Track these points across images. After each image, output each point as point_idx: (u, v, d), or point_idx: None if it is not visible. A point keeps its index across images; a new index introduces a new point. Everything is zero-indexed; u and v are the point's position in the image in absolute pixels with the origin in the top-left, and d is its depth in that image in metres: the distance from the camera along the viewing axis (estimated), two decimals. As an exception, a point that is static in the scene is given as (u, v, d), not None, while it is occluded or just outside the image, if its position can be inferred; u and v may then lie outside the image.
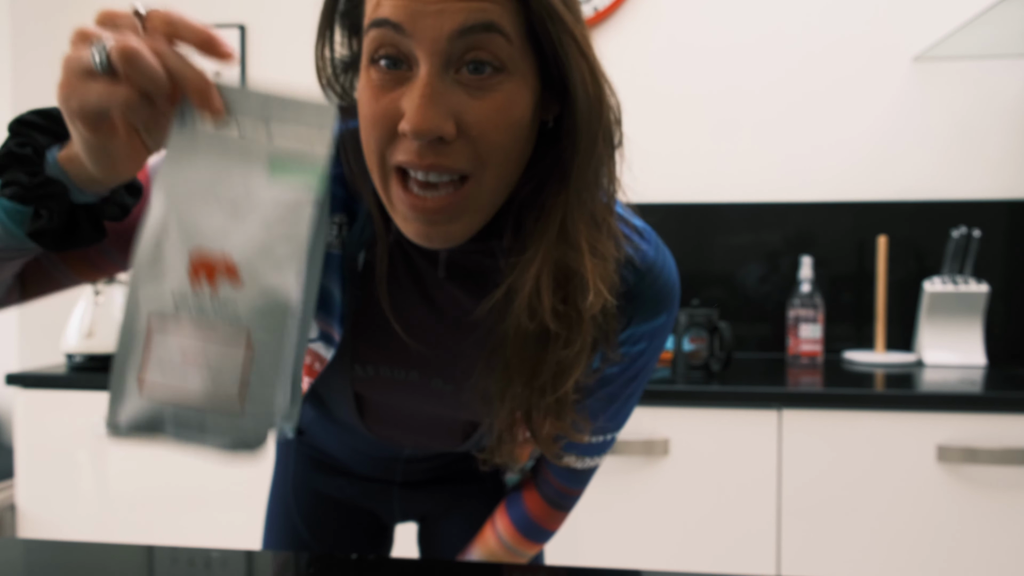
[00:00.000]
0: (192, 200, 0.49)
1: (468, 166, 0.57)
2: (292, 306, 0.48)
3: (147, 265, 0.49)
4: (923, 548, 1.46)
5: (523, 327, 0.61)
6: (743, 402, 1.51)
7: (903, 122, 1.97)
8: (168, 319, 0.48)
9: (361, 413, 0.78)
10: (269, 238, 0.49)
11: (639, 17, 2.05)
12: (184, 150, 0.50)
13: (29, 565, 0.67)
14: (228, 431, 0.49)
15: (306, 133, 0.51)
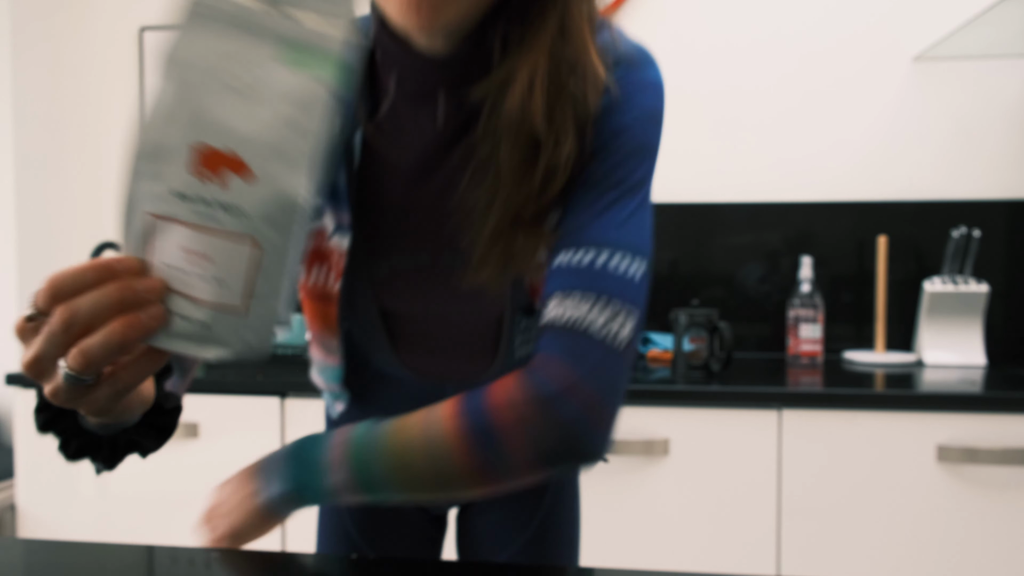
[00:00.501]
0: (203, 85, 0.45)
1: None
2: (302, 205, 0.46)
3: (148, 156, 0.45)
4: (923, 548, 1.46)
5: (513, 128, 0.59)
6: (743, 402, 1.51)
7: (903, 122, 1.97)
8: (170, 216, 0.45)
9: (393, 344, 0.76)
10: (279, 132, 0.45)
11: (639, 17, 2.05)
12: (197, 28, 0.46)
13: (29, 565, 0.67)
14: (232, 335, 0.47)
15: (322, 19, 0.47)
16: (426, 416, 0.62)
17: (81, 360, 0.46)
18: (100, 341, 0.46)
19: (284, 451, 0.67)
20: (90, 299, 0.46)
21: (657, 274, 2.06)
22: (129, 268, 0.47)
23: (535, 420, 0.59)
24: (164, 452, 1.66)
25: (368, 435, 0.63)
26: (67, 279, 0.47)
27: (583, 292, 0.62)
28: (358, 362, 0.82)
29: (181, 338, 0.47)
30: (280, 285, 0.47)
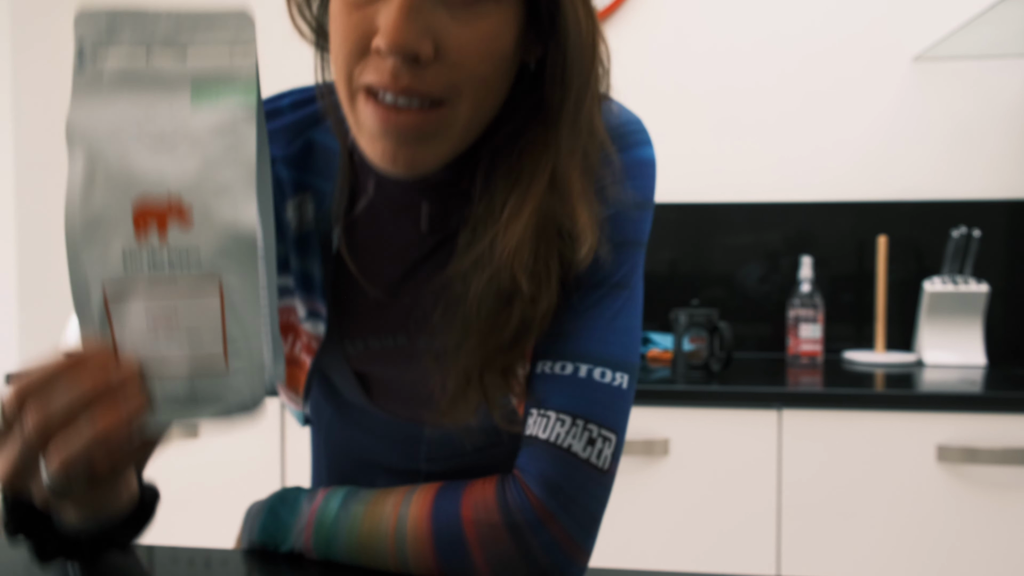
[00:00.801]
0: (116, 145, 0.44)
1: (444, 91, 0.52)
2: (254, 237, 0.44)
3: (84, 229, 0.43)
4: (923, 548, 1.46)
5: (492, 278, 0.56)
6: (743, 402, 1.51)
7: (903, 122, 1.97)
8: (124, 283, 0.43)
9: (367, 392, 0.74)
10: (212, 167, 0.43)
11: (639, 17, 2.05)
12: (91, 94, 0.45)
13: (29, 565, 0.67)
14: (219, 395, 0.44)
15: (226, 48, 0.46)
16: (398, 511, 0.61)
17: (64, 471, 0.43)
18: (82, 448, 0.43)
19: (266, 504, 0.67)
20: (64, 400, 0.43)
21: (657, 274, 2.06)
22: (99, 356, 0.44)
23: (507, 547, 0.57)
24: (164, 452, 1.66)
25: (339, 517, 0.62)
26: (35, 383, 0.43)
27: (566, 408, 0.59)
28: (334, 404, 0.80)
29: (167, 409, 0.44)
30: (256, 327, 0.44)
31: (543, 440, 0.58)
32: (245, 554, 0.66)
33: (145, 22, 0.46)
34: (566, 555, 0.58)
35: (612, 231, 0.61)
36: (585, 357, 0.60)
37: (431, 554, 0.59)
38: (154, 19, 0.46)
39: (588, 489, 0.59)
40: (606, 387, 0.60)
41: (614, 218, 0.61)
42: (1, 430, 0.45)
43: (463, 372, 0.59)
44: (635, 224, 0.63)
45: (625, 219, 0.62)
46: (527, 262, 0.55)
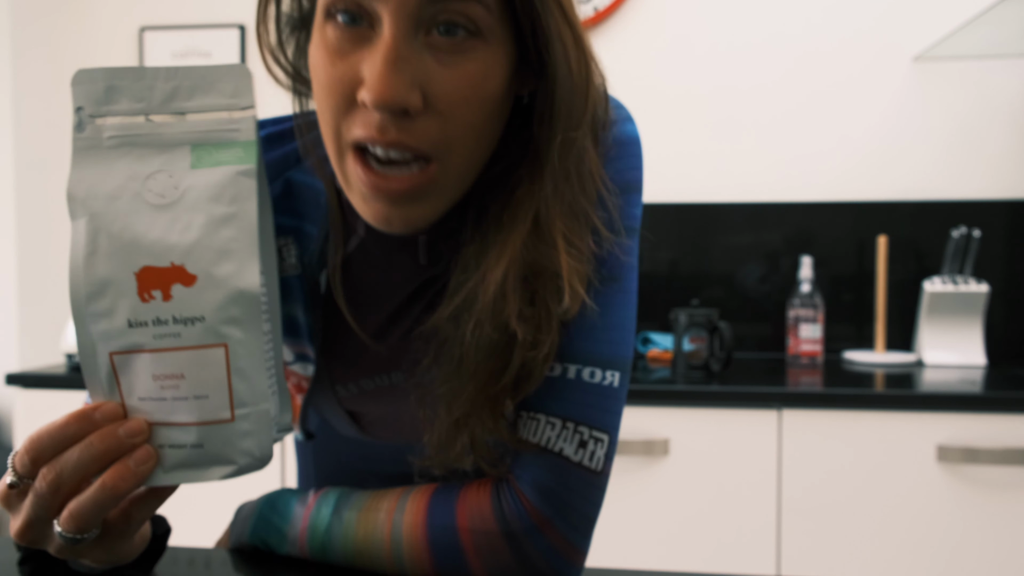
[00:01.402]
0: (117, 210, 0.44)
1: (433, 146, 0.51)
2: (258, 297, 0.44)
3: (90, 299, 0.44)
4: (923, 548, 1.46)
5: (484, 332, 0.53)
6: (743, 402, 1.51)
7: (903, 122, 1.97)
8: (131, 347, 0.44)
9: (359, 425, 0.73)
10: (214, 230, 0.44)
11: (639, 17, 2.05)
12: (91, 157, 0.45)
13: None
14: (228, 455, 0.45)
15: (224, 103, 0.46)
16: (392, 518, 0.60)
17: (75, 523, 0.44)
18: (92, 500, 0.44)
19: (255, 509, 0.67)
20: (74, 456, 0.44)
21: (657, 274, 2.06)
22: (107, 414, 0.45)
23: (504, 555, 0.56)
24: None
25: (332, 525, 0.62)
26: (46, 439, 0.45)
27: (556, 411, 0.57)
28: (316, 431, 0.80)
29: (177, 468, 0.45)
30: (261, 382, 0.45)
31: (534, 445, 0.57)
32: (245, 554, 0.66)
33: (143, 83, 0.46)
34: (563, 559, 0.57)
35: (604, 223, 0.58)
36: (574, 357, 0.58)
37: (428, 562, 0.59)
38: (152, 79, 0.46)
39: (582, 492, 0.57)
40: (596, 387, 0.58)
41: (602, 207, 0.58)
42: (12, 486, 0.46)
43: (456, 420, 0.57)
44: (624, 211, 0.60)
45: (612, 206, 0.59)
46: (517, 308, 0.53)
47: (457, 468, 0.60)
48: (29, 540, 0.47)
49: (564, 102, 0.52)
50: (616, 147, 0.60)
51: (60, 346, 1.99)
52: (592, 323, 0.58)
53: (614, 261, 0.59)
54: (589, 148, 0.56)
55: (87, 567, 0.57)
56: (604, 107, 0.59)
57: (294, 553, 0.64)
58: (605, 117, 0.59)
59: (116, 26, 2.27)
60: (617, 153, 0.60)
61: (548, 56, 0.51)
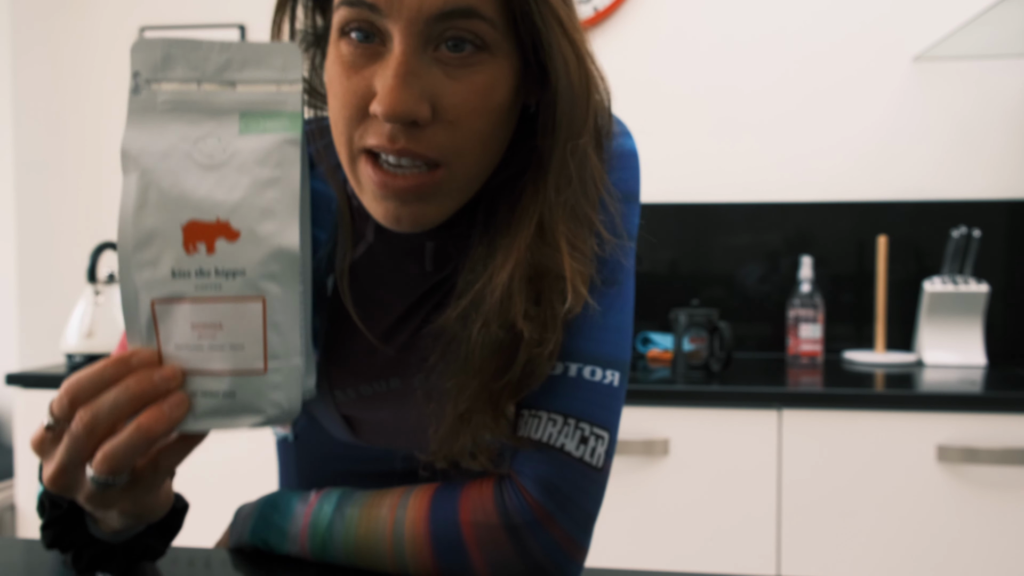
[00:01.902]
0: (167, 168, 0.47)
1: (441, 153, 0.53)
2: (296, 255, 0.46)
3: (137, 249, 0.46)
4: (923, 548, 1.46)
5: (491, 330, 0.56)
6: (743, 402, 1.51)
7: (903, 122, 1.97)
8: (172, 296, 0.46)
9: (353, 430, 0.73)
10: (258, 191, 0.47)
11: (639, 17, 2.05)
12: (145, 118, 0.48)
13: (29, 565, 0.67)
14: (258, 405, 0.47)
15: (274, 84, 0.49)
16: (395, 514, 0.61)
17: (107, 464, 0.46)
18: (125, 441, 0.45)
19: (256, 509, 0.67)
20: (110, 398, 0.45)
21: (657, 274, 2.06)
22: (144, 360, 0.46)
23: (506, 549, 0.57)
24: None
25: (334, 521, 0.62)
26: (84, 382, 0.46)
27: (557, 408, 0.59)
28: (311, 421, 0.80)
29: (208, 415, 0.47)
30: (294, 337, 0.47)
31: (536, 441, 0.58)
32: (245, 554, 0.66)
33: (198, 53, 0.49)
34: (565, 554, 0.58)
35: (605, 226, 0.61)
36: (575, 356, 0.60)
37: (430, 557, 0.59)
38: (207, 51, 0.49)
39: (584, 488, 0.58)
40: (597, 385, 0.60)
41: (604, 211, 0.61)
42: (49, 428, 0.47)
43: (460, 415, 0.58)
44: (622, 218, 0.62)
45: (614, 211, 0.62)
46: (523, 308, 0.55)
47: (460, 464, 0.61)
48: (61, 486, 0.48)
49: (565, 112, 0.54)
50: (615, 159, 0.63)
51: (60, 346, 1.99)
52: (593, 324, 0.60)
53: (615, 265, 0.61)
54: (591, 155, 0.58)
55: (109, 534, 0.58)
56: (608, 118, 0.61)
57: (294, 551, 0.64)
58: (609, 127, 0.61)
59: (116, 26, 2.27)
60: (616, 165, 0.63)
61: (550, 69, 0.54)
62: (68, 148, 2.29)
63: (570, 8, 0.55)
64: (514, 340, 0.56)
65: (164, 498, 0.57)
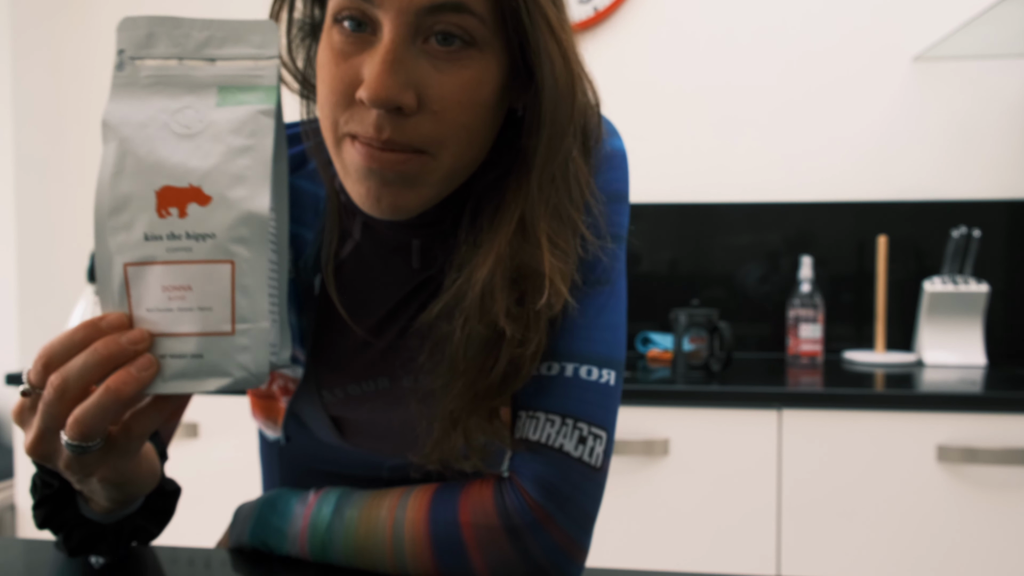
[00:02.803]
0: (145, 136, 0.48)
1: (425, 142, 0.54)
2: (265, 215, 0.47)
3: (112, 214, 0.47)
4: (923, 548, 1.46)
5: (473, 328, 0.56)
6: (743, 402, 1.51)
7: (903, 122, 1.97)
8: (145, 260, 0.47)
9: (341, 432, 0.74)
10: (232, 158, 0.48)
11: (639, 17, 2.05)
12: (127, 92, 0.50)
13: (29, 565, 0.67)
14: (226, 360, 0.47)
15: (251, 52, 0.50)
16: (394, 515, 0.61)
17: (79, 428, 0.46)
18: (95, 404, 0.46)
19: (255, 509, 0.67)
20: (79, 361, 0.46)
21: (657, 274, 2.06)
22: (112, 323, 0.47)
23: (506, 550, 0.57)
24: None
25: (334, 522, 0.62)
26: (56, 347, 0.47)
27: (555, 408, 0.59)
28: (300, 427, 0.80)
29: (177, 378, 0.47)
30: (262, 301, 0.48)
31: (534, 442, 0.59)
32: (245, 554, 0.66)
33: (180, 31, 0.50)
34: (565, 555, 0.58)
35: (590, 228, 0.61)
36: (571, 356, 0.60)
37: (430, 558, 0.59)
38: (189, 28, 0.50)
39: (583, 488, 0.58)
40: (593, 385, 0.60)
41: (588, 213, 0.61)
42: (25, 394, 0.48)
43: (449, 415, 0.59)
44: (611, 219, 0.63)
45: (598, 213, 0.62)
46: (504, 306, 0.56)
47: (454, 467, 0.61)
48: (40, 453, 0.49)
49: (549, 111, 0.55)
50: (604, 160, 0.63)
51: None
52: (587, 323, 0.61)
53: (606, 265, 0.62)
54: (577, 158, 0.59)
55: (100, 514, 0.58)
56: (597, 122, 0.62)
57: (294, 552, 0.64)
58: (598, 131, 0.62)
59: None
60: (605, 166, 0.63)
61: (535, 67, 0.54)
62: (68, 148, 2.29)
63: (559, 9, 0.56)
64: (497, 339, 0.57)
65: (147, 470, 0.57)
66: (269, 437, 0.81)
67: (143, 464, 0.57)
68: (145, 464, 0.57)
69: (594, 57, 0.66)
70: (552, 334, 0.60)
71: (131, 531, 0.61)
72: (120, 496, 0.56)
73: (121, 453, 0.50)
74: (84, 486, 0.54)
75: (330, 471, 0.78)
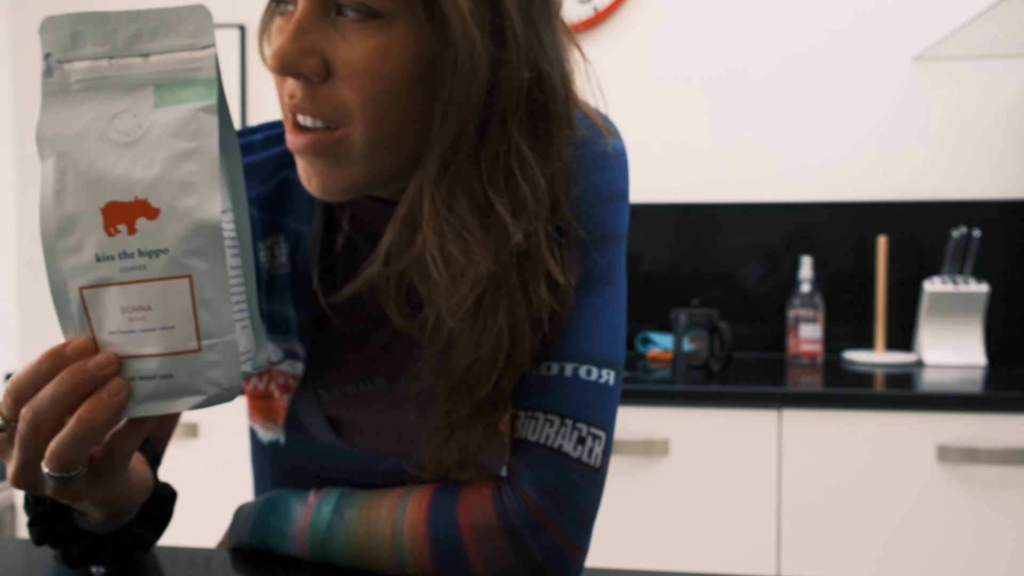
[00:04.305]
0: (83, 148, 0.45)
1: (337, 113, 0.54)
2: (217, 223, 0.45)
3: (59, 236, 0.45)
4: (923, 548, 1.46)
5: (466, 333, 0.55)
6: (743, 402, 1.51)
7: (903, 122, 1.97)
8: (99, 282, 0.45)
9: (337, 432, 0.73)
10: (176, 165, 0.45)
11: (639, 18, 2.05)
12: (59, 101, 0.47)
13: (29, 565, 0.67)
14: (197, 378, 0.45)
15: (185, 43, 0.47)
16: (394, 516, 0.61)
17: (58, 461, 0.45)
18: (70, 435, 0.45)
19: (255, 509, 0.67)
20: (48, 393, 0.45)
21: (657, 274, 2.06)
22: (77, 349, 0.45)
23: (506, 551, 0.57)
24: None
25: (333, 523, 0.62)
26: (23, 380, 0.46)
27: (554, 409, 0.59)
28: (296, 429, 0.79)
29: (148, 400, 0.46)
30: (227, 313, 0.46)
31: (533, 442, 0.58)
32: (245, 554, 0.66)
33: (107, 27, 0.47)
34: (565, 556, 0.58)
35: (589, 227, 0.61)
36: (570, 356, 0.60)
37: (429, 559, 0.59)
38: (115, 23, 0.47)
39: (582, 488, 0.58)
40: (592, 385, 0.59)
41: (590, 214, 0.61)
42: (2, 429, 0.47)
43: (447, 425, 0.59)
44: (611, 218, 0.62)
45: (600, 214, 0.62)
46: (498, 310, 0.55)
47: (450, 478, 0.61)
48: (25, 484, 0.48)
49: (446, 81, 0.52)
50: (604, 159, 0.63)
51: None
52: (587, 323, 0.60)
53: (606, 265, 0.62)
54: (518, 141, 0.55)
55: (96, 526, 0.58)
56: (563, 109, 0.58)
57: (293, 552, 0.64)
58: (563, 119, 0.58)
59: (116, 26, 2.26)
60: (604, 165, 0.63)
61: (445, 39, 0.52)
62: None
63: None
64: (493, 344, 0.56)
65: (138, 484, 0.57)
66: (263, 439, 0.80)
67: (132, 480, 0.56)
68: (135, 479, 0.57)
69: (594, 57, 0.65)
70: (552, 334, 0.60)
71: (129, 540, 0.61)
72: (112, 511, 0.56)
73: (108, 475, 0.49)
74: (75, 505, 0.53)
75: (323, 475, 0.77)
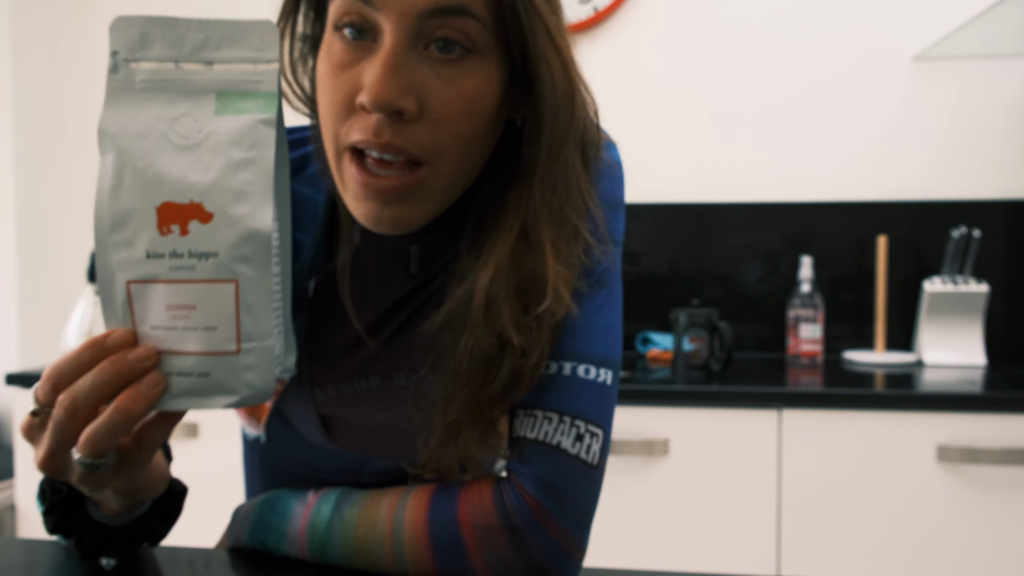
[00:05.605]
0: (143, 147, 0.47)
1: (424, 151, 0.54)
2: (269, 237, 0.46)
3: (112, 229, 0.46)
4: (923, 548, 1.46)
5: (479, 338, 0.56)
6: (743, 402, 1.51)
7: (903, 122, 1.97)
8: (146, 277, 0.46)
9: (328, 432, 0.73)
10: (233, 172, 0.46)
11: (639, 18, 2.05)
12: (123, 98, 0.48)
13: (29, 565, 0.67)
14: (232, 378, 0.47)
15: (249, 55, 0.48)
16: (394, 514, 0.61)
17: (91, 447, 0.46)
18: (106, 423, 0.46)
19: (254, 509, 0.67)
20: (88, 381, 0.46)
21: (657, 274, 2.06)
22: (118, 341, 0.47)
23: (505, 549, 0.57)
24: (164, 452, 1.65)
25: (333, 522, 0.63)
26: (64, 367, 0.47)
27: (552, 406, 0.59)
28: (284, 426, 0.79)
29: (184, 395, 0.47)
30: (268, 319, 0.47)
31: (532, 439, 0.59)
32: (244, 554, 0.66)
33: (176, 32, 0.48)
34: (564, 553, 0.58)
35: (592, 233, 0.62)
36: (568, 355, 0.60)
37: (429, 557, 0.59)
38: (184, 29, 0.48)
39: (581, 485, 0.59)
40: (590, 384, 0.60)
41: (590, 220, 0.63)
42: (35, 414, 0.48)
43: (449, 425, 0.59)
44: (609, 225, 0.64)
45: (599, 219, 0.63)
46: (511, 315, 0.56)
47: (449, 478, 0.61)
48: (52, 470, 0.49)
49: (549, 119, 0.55)
50: (604, 169, 0.65)
51: (60, 346, 1.99)
52: (585, 324, 0.61)
53: (604, 268, 0.63)
54: (577, 165, 0.59)
55: (110, 517, 0.59)
56: (596, 131, 0.62)
57: (293, 552, 0.64)
58: (597, 140, 0.62)
59: (116, 26, 2.26)
60: (605, 174, 0.65)
61: (535, 74, 0.55)
62: (68, 148, 2.29)
63: (558, 17, 0.56)
64: (500, 349, 0.57)
65: (157, 476, 0.58)
66: (249, 436, 0.81)
67: (154, 471, 0.57)
68: (156, 470, 0.58)
69: (594, 57, 0.66)
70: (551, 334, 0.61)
71: (142, 532, 0.62)
72: (131, 501, 0.57)
73: (134, 465, 0.50)
74: (96, 494, 0.54)
75: (309, 475, 0.77)
